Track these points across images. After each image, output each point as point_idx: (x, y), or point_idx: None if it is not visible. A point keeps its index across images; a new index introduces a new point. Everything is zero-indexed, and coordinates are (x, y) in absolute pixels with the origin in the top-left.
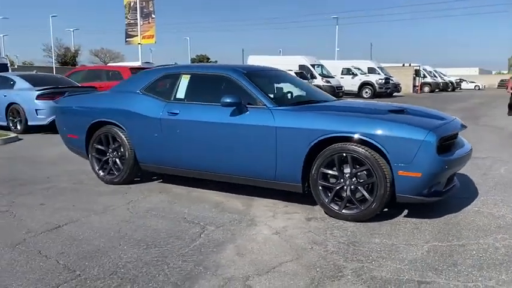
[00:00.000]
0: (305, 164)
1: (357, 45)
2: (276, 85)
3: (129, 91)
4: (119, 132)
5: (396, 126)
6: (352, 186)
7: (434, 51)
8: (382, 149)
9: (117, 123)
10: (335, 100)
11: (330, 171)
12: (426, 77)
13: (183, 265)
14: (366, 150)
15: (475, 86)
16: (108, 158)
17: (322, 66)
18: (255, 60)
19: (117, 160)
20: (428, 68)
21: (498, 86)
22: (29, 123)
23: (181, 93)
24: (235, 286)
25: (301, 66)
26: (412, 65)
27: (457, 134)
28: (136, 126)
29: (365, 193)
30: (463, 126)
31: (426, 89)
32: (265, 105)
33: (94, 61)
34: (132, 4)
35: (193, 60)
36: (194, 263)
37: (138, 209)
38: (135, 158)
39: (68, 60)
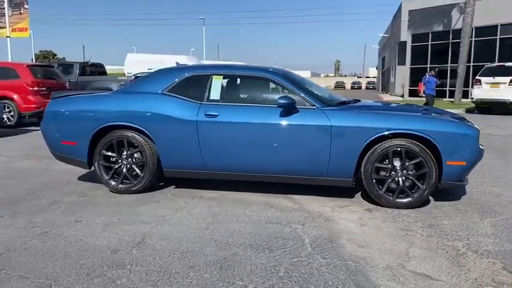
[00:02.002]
0: (358, 159)
1: (213, 45)
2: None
3: (149, 92)
4: (137, 137)
5: (446, 123)
6: (404, 177)
7: (279, 55)
8: (435, 142)
9: (137, 126)
10: (353, 100)
11: (383, 165)
12: None
13: (333, 261)
14: (419, 145)
15: None
16: (121, 166)
17: None
18: (133, 59)
19: (135, 167)
20: None
21: (335, 87)
22: None
23: (215, 94)
24: (403, 274)
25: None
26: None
27: None
28: (164, 130)
29: (417, 183)
30: None
31: None
32: (314, 105)
33: None
34: None
35: (37, 57)
36: (338, 258)
37: (200, 216)
38: (158, 164)
39: None
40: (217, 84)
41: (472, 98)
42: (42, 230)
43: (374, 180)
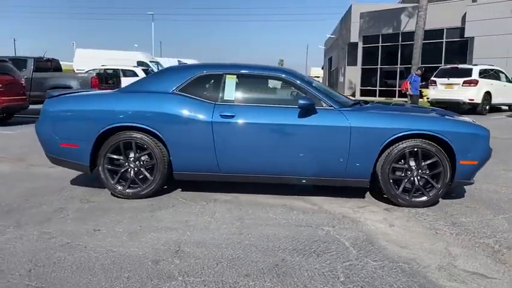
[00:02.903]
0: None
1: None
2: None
3: (159, 91)
4: (147, 138)
5: (460, 124)
6: (419, 177)
7: (222, 52)
8: (450, 143)
9: (147, 128)
10: (363, 102)
11: (399, 165)
12: None
13: (385, 263)
14: (434, 145)
15: None
16: (128, 169)
17: (158, 63)
18: (83, 54)
19: (144, 170)
20: None
21: (281, 86)
22: None
23: (229, 94)
24: (459, 274)
25: (140, 63)
26: None
27: None
28: (176, 131)
29: (433, 182)
30: None
31: None
32: (331, 106)
33: None
34: None
35: None
36: (389, 260)
37: (224, 220)
38: (169, 166)
39: None
40: (231, 84)
41: (428, 98)
42: (62, 241)
43: (391, 181)
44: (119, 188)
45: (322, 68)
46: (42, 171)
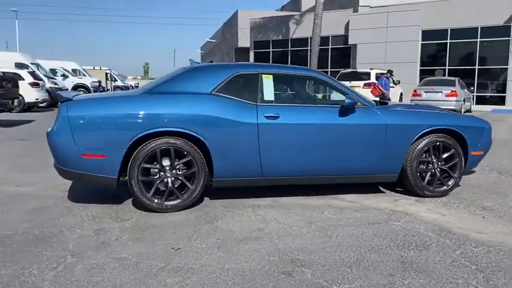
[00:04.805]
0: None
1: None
2: None
3: (197, 92)
4: (185, 145)
5: (470, 119)
6: (439, 169)
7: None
8: (464, 136)
9: (189, 132)
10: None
11: (423, 159)
12: (117, 80)
13: (489, 250)
14: (451, 138)
15: None
16: (164, 179)
17: (38, 65)
18: None
19: (183, 179)
20: (114, 72)
21: None
22: None
23: (268, 94)
24: None
25: (19, 64)
26: (102, 68)
27: None
28: (220, 135)
29: (451, 172)
30: None
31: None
32: (366, 105)
33: None
34: None
35: None
36: (486, 245)
37: (296, 224)
38: (210, 174)
39: None
40: (268, 84)
41: None
42: (156, 266)
43: (418, 174)
44: (156, 201)
45: None
46: (13, 191)
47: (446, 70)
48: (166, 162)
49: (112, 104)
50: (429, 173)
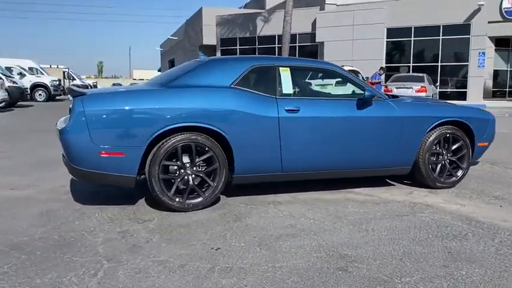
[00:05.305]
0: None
1: None
2: None
3: (216, 85)
4: (206, 140)
5: (476, 111)
6: (448, 160)
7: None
8: (472, 127)
9: (211, 127)
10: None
11: (434, 151)
12: (75, 79)
13: None
14: (459, 130)
15: None
16: (184, 177)
17: None
18: None
19: (204, 176)
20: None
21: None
22: None
23: (287, 87)
24: None
25: None
26: (59, 66)
27: None
28: (242, 130)
29: (460, 163)
30: None
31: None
32: (381, 97)
33: None
34: None
35: None
36: None
37: (327, 219)
38: (230, 170)
39: None
40: (286, 77)
41: None
42: (204, 267)
43: (430, 166)
44: (177, 200)
45: (159, 70)
46: (9, 195)
47: (411, 67)
48: (186, 159)
49: (131, 98)
50: (439, 164)
